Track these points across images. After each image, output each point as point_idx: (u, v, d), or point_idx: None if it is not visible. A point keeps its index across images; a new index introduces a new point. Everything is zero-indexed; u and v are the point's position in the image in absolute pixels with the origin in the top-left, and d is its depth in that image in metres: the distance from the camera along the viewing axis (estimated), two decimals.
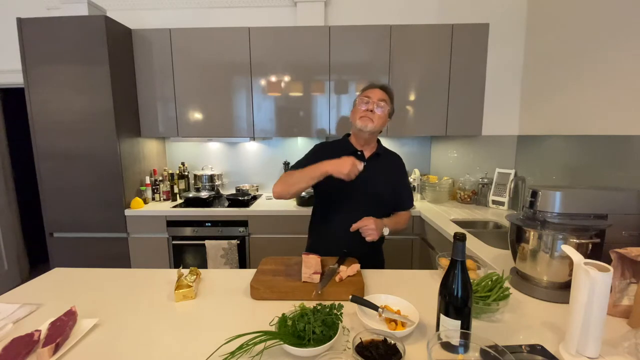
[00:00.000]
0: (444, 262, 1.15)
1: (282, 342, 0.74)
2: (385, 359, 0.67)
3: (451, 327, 0.74)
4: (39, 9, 2.59)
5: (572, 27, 1.82)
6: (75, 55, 2.15)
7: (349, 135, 1.44)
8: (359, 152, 1.37)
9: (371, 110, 1.27)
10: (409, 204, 1.46)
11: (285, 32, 2.37)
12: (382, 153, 1.41)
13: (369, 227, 1.18)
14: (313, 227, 1.49)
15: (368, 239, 1.19)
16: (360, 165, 1.12)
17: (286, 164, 2.81)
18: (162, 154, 2.88)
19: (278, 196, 1.27)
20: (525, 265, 1.09)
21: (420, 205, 2.43)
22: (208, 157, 2.92)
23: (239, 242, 2.30)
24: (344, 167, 1.11)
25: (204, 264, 2.32)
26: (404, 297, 0.95)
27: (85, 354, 0.79)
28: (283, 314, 0.83)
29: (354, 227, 1.19)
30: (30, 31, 2.13)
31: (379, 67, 2.37)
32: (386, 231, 1.25)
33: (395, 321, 0.85)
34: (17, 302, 1.01)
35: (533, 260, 1.06)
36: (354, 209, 1.29)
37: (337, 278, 1.08)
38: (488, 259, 1.35)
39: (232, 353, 0.73)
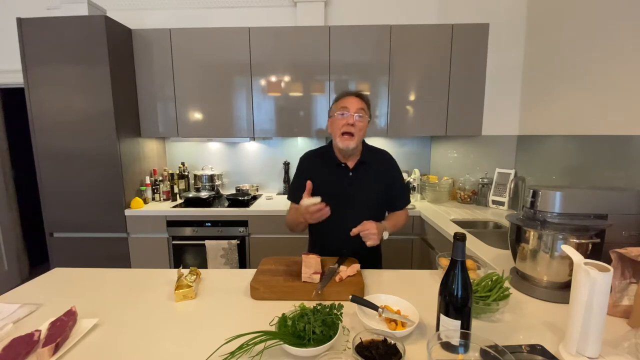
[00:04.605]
0: (444, 262, 1.15)
1: (282, 342, 0.74)
2: (385, 359, 0.67)
3: (451, 327, 0.74)
4: (39, 9, 2.59)
5: (572, 27, 1.82)
6: (75, 55, 2.15)
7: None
8: (343, 165, 1.35)
9: (351, 124, 1.24)
10: (403, 203, 1.41)
11: (285, 32, 2.37)
12: (367, 160, 1.35)
13: (370, 232, 1.13)
14: (310, 234, 1.49)
15: (369, 243, 1.15)
16: (317, 200, 1.14)
17: (286, 164, 2.81)
18: (162, 154, 2.88)
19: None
20: (525, 265, 1.09)
21: (420, 205, 2.43)
22: (208, 157, 2.92)
23: (239, 242, 2.30)
24: (310, 219, 1.17)
25: (204, 264, 2.32)
26: (404, 297, 0.95)
27: (85, 354, 0.79)
28: (283, 314, 0.83)
29: (354, 231, 1.15)
30: (30, 31, 2.13)
31: (379, 67, 2.37)
32: (386, 235, 1.24)
33: (395, 321, 0.85)
34: (17, 302, 1.01)
35: (533, 260, 1.06)
36: (348, 216, 1.26)
37: (337, 278, 1.08)
38: (488, 259, 1.35)
39: (232, 353, 0.73)
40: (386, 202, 1.40)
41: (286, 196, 1.56)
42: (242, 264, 2.36)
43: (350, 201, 1.32)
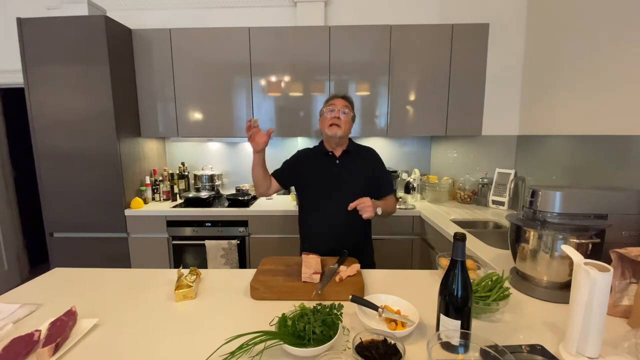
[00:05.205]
0: (444, 262, 1.14)
1: (282, 342, 0.74)
2: (385, 359, 0.67)
3: (451, 327, 0.74)
4: (39, 9, 2.59)
5: (572, 27, 1.82)
6: (75, 55, 2.15)
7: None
8: (330, 153, 1.51)
9: (338, 117, 1.43)
10: (388, 189, 1.54)
11: (285, 32, 2.37)
12: (352, 150, 1.53)
13: (365, 204, 1.24)
14: (301, 226, 1.60)
15: (365, 215, 1.26)
16: (253, 120, 1.30)
17: None
18: (162, 154, 2.88)
19: (260, 195, 1.54)
20: (525, 265, 1.09)
21: (420, 205, 2.43)
22: (208, 157, 2.92)
23: (239, 242, 2.30)
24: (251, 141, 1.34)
25: (204, 264, 2.32)
26: (404, 297, 0.95)
27: (85, 354, 0.79)
28: (283, 314, 0.83)
29: (352, 205, 1.25)
30: (30, 31, 2.13)
31: (379, 67, 2.37)
32: (379, 211, 1.33)
33: (395, 321, 0.85)
34: (17, 302, 1.01)
35: (533, 260, 1.06)
36: (333, 204, 1.40)
37: (337, 278, 1.08)
38: (488, 259, 1.35)
39: (232, 353, 0.73)
40: (372, 190, 1.48)
41: (286, 196, 1.64)
42: (242, 264, 2.36)
43: (337, 185, 1.45)
